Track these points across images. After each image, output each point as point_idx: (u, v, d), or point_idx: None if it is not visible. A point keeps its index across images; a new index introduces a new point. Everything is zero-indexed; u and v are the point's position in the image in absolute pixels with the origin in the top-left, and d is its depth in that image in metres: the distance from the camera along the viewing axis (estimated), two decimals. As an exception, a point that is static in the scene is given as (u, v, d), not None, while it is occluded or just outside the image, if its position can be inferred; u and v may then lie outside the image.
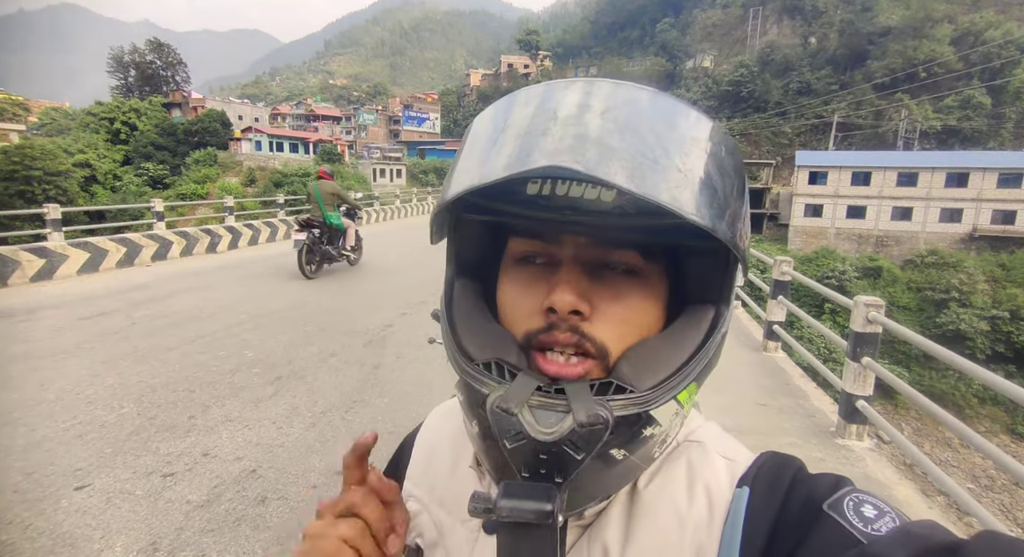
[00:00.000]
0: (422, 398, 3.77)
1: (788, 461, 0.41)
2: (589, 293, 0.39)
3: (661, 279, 0.42)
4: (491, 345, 0.41)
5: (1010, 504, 16.58)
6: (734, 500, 0.38)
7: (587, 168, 0.31)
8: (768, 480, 0.39)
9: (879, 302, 3.28)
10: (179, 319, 5.56)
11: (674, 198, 0.32)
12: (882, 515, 0.34)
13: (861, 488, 0.37)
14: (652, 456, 0.40)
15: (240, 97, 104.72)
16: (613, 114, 0.34)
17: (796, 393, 4.25)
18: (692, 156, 0.34)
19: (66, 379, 3.86)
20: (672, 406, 0.38)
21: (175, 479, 2.69)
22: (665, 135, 0.34)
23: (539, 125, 0.35)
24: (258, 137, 50.45)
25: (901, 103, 44.75)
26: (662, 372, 0.38)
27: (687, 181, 0.33)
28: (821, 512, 0.35)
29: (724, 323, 0.41)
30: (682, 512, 0.39)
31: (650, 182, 0.32)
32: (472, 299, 0.46)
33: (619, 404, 0.36)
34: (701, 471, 0.41)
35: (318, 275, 7.93)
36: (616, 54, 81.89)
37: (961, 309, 26.06)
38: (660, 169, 0.33)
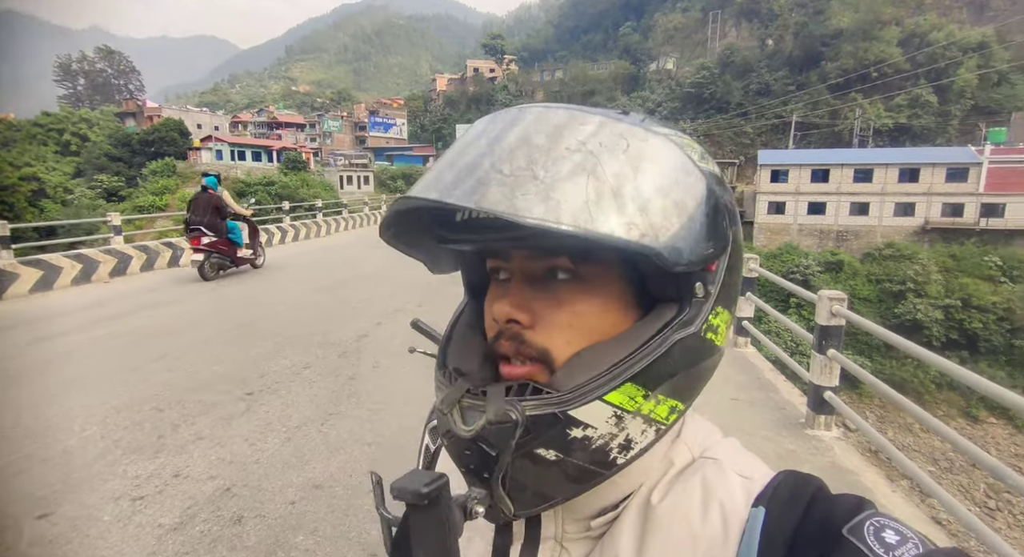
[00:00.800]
0: (400, 408, 3.74)
1: (806, 480, 0.40)
2: (532, 302, 0.42)
3: (612, 281, 0.42)
4: (460, 355, 0.47)
5: (968, 484, 17.34)
6: (749, 520, 0.38)
7: (438, 194, 0.35)
8: (785, 501, 0.38)
9: (841, 296, 3.40)
10: (142, 336, 5.38)
11: (512, 205, 0.33)
12: (904, 541, 0.33)
13: (884, 513, 0.36)
14: (610, 461, 0.39)
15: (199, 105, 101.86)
16: (498, 139, 0.38)
17: (767, 387, 4.36)
18: (556, 162, 0.35)
19: (22, 404, 3.69)
20: (602, 409, 0.37)
21: (145, 502, 2.60)
22: (537, 148, 0.36)
23: (441, 159, 0.40)
24: (219, 146, 49.16)
25: (855, 102, 46.53)
26: (589, 374, 0.38)
27: (533, 185, 0.34)
28: (841, 537, 0.34)
29: (687, 322, 0.40)
30: (695, 529, 0.39)
31: (489, 194, 0.33)
32: (469, 317, 0.51)
33: (531, 404, 0.37)
34: (716, 489, 0.40)
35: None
36: (581, 57, 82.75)
37: (917, 299, 27.18)
38: (505, 181, 0.34)
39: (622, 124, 0.38)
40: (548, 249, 0.41)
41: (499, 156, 0.36)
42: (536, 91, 76.88)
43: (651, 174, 0.37)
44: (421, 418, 1.81)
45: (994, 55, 43.67)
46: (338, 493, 2.71)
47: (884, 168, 34.13)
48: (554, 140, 0.37)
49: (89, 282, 8.21)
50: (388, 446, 3.20)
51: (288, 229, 14.73)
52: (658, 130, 0.40)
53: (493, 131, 0.39)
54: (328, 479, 2.83)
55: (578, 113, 0.39)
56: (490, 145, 0.37)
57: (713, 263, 0.40)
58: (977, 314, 26.07)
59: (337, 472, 2.90)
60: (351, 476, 2.86)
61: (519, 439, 0.37)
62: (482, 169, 0.35)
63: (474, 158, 0.37)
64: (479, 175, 0.35)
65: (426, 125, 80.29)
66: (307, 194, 35.16)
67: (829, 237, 35.82)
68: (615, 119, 0.39)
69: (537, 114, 0.39)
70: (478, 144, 0.38)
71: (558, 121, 0.38)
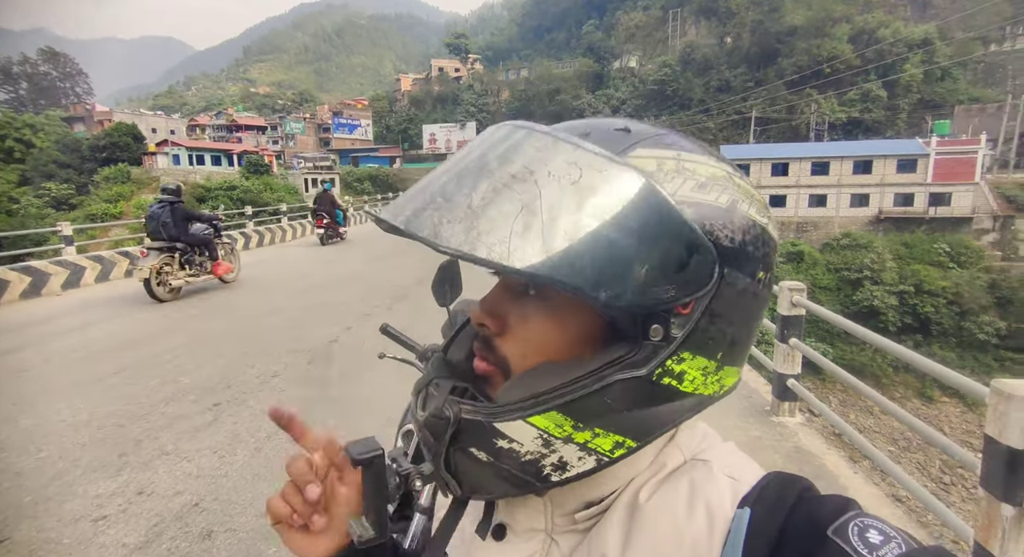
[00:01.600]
0: (374, 413, 3.70)
1: (793, 482, 0.40)
2: (504, 311, 0.43)
3: (579, 307, 0.41)
4: (457, 346, 0.50)
5: (924, 462, 18.16)
6: (735, 520, 0.38)
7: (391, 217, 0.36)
8: (770, 501, 0.38)
9: (801, 286, 3.52)
10: (98, 349, 5.18)
11: (435, 232, 0.33)
12: (888, 541, 0.33)
13: (869, 513, 0.36)
14: (544, 475, 0.40)
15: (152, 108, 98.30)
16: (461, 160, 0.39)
17: (733, 377, 4.48)
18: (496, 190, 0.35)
19: (-29, 425, 3.51)
20: (527, 429, 0.38)
21: (107, 522, 2.51)
22: (485, 173, 0.36)
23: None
24: (175, 150, 47.60)
25: (810, 97, 48.09)
26: (527, 391, 0.39)
27: (462, 213, 0.34)
28: (825, 537, 0.34)
29: (632, 363, 0.38)
30: (681, 528, 0.39)
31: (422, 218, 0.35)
32: None
33: (467, 408, 0.40)
34: (703, 489, 0.41)
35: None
36: (545, 56, 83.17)
37: (874, 286, 28.27)
38: (440, 206, 0.35)
39: (584, 152, 0.36)
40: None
41: (450, 180, 0.37)
42: (501, 90, 76.89)
43: (596, 209, 0.34)
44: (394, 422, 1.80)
45: (937, 51, 45.76)
46: (311, 502, 2.67)
47: (840, 161, 35.37)
48: (504, 165, 0.36)
49: (39, 296, 7.86)
50: (361, 452, 3.17)
51: (252, 235, 14.38)
52: (642, 154, 0.38)
53: (465, 151, 0.39)
54: (300, 488, 2.79)
55: (547, 138, 0.37)
56: (454, 167, 0.38)
57: (684, 306, 0.38)
58: (929, 299, 27.29)
59: (309, 481, 2.86)
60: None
61: (453, 436, 0.40)
62: (429, 193, 0.36)
63: (435, 180, 0.38)
64: (425, 198, 0.36)
65: (392, 126, 79.38)
66: (271, 198, 34.33)
67: (790, 228, 36.91)
68: (578, 146, 0.36)
69: (506, 135, 0.39)
70: (449, 165, 0.39)
71: (522, 144, 0.37)
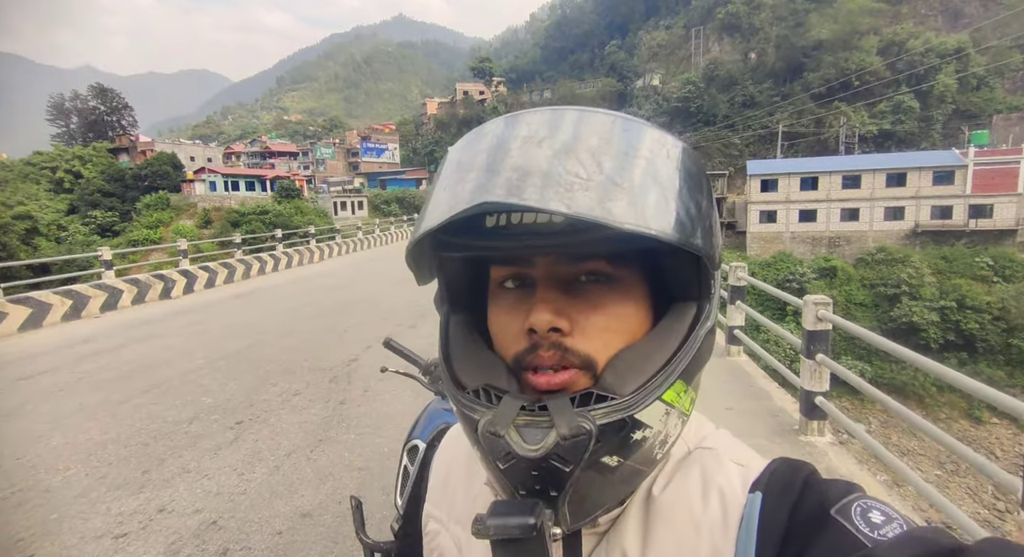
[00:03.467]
0: (391, 431, 3.69)
1: (799, 466, 0.41)
2: (567, 308, 0.40)
3: (638, 282, 0.42)
4: (481, 372, 0.43)
5: (975, 487, 17.13)
6: (747, 505, 0.39)
7: (520, 199, 0.33)
8: (780, 485, 0.39)
9: (827, 300, 3.40)
10: (129, 370, 5.33)
11: (607, 211, 0.33)
12: (889, 521, 0.34)
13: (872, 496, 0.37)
14: (654, 458, 0.40)
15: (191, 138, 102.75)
16: (549, 141, 0.36)
17: (760, 395, 4.34)
18: (626, 168, 0.36)
19: (4, 445, 3.64)
20: (659, 407, 0.38)
21: (128, 539, 2.54)
22: (598, 152, 0.36)
23: (478, 163, 0.37)
24: (212, 177, 49.43)
25: (839, 110, 47.27)
26: (643, 375, 0.39)
27: (619, 192, 0.34)
28: (829, 517, 0.35)
29: (707, 318, 0.42)
30: (697, 517, 0.40)
31: (578, 199, 0.33)
32: (464, 332, 0.48)
33: (601, 413, 0.36)
34: (714, 477, 0.42)
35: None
36: (568, 77, 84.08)
37: (912, 302, 27.22)
38: (588, 186, 0.34)
39: (662, 133, 0.40)
40: (583, 254, 0.40)
41: (567, 159, 0.35)
42: (525, 111, 77.78)
43: (686, 179, 0.39)
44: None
45: (971, 60, 44.59)
46: (326, 521, 2.66)
47: (872, 174, 34.52)
48: (612, 144, 0.37)
49: (79, 318, 8.16)
50: (377, 471, 3.16)
51: (281, 257, 14.73)
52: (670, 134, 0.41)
53: (534, 132, 0.38)
54: (316, 507, 2.78)
55: (614, 117, 0.39)
56: (539, 147, 0.36)
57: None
58: (972, 315, 26.09)
59: (326, 500, 2.85)
60: (339, 503, 2.81)
61: (592, 450, 0.36)
62: (557, 173, 0.34)
63: (528, 161, 0.35)
64: (553, 178, 0.34)
65: (418, 149, 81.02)
66: (301, 221, 35.23)
67: (822, 244, 36.02)
68: (640, 122, 0.40)
69: (578, 116, 0.39)
70: (519, 146, 0.37)
71: (602, 124, 0.38)
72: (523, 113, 0.40)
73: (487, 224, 0.40)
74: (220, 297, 10.04)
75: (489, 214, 0.40)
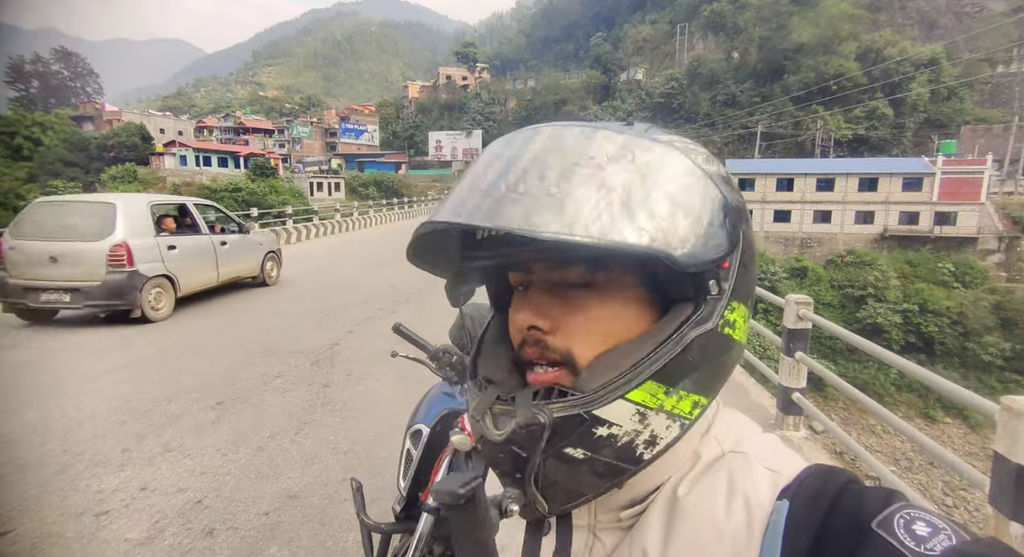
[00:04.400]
0: (376, 415, 3.70)
1: (835, 473, 0.39)
2: (549, 309, 0.44)
3: (628, 285, 0.43)
4: (488, 365, 0.48)
5: (927, 483, 17.98)
6: (774, 513, 0.37)
7: (457, 217, 0.37)
8: (810, 493, 0.37)
9: (808, 300, 3.51)
10: (100, 348, 5.19)
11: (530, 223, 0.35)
12: (936, 533, 0.32)
13: (916, 504, 0.35)
14: (637, 456, 0.41)
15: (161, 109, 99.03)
16: (501, 160, 0.40)
17: (737, 390, 4.47)
18: (565, 178, 0.37)
19: (-24, 418, 3.52)
20: (626, 407, 0.39)
21: (110, 517, 2.50)
22: (543, 165, 0.38)
23: (459, 185, 0.41)
24: (183, 151, 47.92)
25: (816, 114, 48.30)
26: (611, 374, 0.40)
27: (547, 202, 0.36)
28: (870, 531, 0.33)
29: (703, 320, 0.41)
30: (720, 523, 0.39)
31: (505, 213, 0.36)
32: (495, 330, 0.53)
33: (558, 406, 0.39)
34: (741, 483, 0.41)
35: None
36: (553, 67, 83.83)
37: (877, 304, 28.18)
38: (519, 200, 0.36)
39: (625, 136, 0.40)
40: (564, 260, 0.43)
41: (514, 175, 0.38)
42: (508, 99, 77.32)
43: (657, 181, 0.38)
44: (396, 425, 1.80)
45: (944, 71, 45.97)
46: (314, 503, 2.66)
47: (845, 177, 35.44)
48: (563, 156, 0.38)
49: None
50: (363, 454, 3.17)
51: (257, 236, 14.42)
52: (661, 138, 0.42)
53: (508, 152, 0.41)
54: (303, 489, 2.78)
55: (585, 129, 0.41)
56: (505, 166, 0.39)
57: (726, 261, 0.41)
58: (933, 318, 27.16)
59: (312, 482, 2.85)
60: (326, 485, 2.82)
61: (548, 440, 0.39)
62: (499, 190, 0.37)
63: (492, 180, 0.39)
64: (496, 195, 0.37)
65: (398, 132, 79.84)
66: (276, 201, 34.45)
67: (794, 244, 36.90)
68: (618, 132, 0.41)
69: (547, 133, 0.41)
70: (494, 166, 0.40)
71: (565, 138, 0.40)
72: (514, 132, 0.43)
73: (477, 236, 0.46)
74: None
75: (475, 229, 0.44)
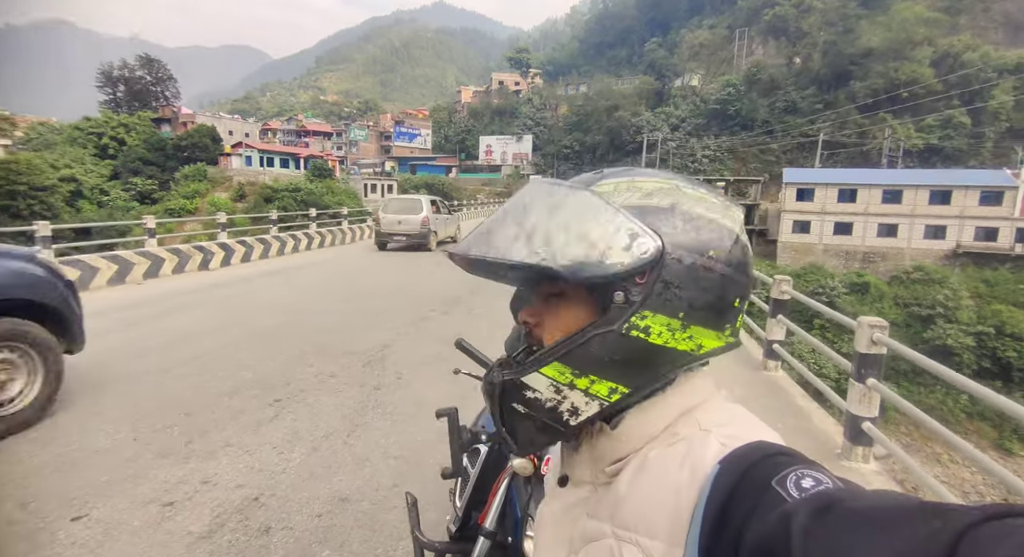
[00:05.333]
0: (425, 421, 3.71)
1: (766, 447, 0.46)
2: (540, 311, 0.61)
3: (581, 296, 0.57)
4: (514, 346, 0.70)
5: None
6: (712, 474, 0.45)
7: (458, 251, 0.55)
8: (735, 459, 0.45)
9: (883, 323, 3.29)
10: (172, 338, 5.46)
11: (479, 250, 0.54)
12: (819, 484, 0.39)
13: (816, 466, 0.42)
14: (564, 420, 0.56)
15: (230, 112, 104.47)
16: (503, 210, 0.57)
17: (799, 414, 4.24)
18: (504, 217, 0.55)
19: (57, 404, 3.75)
20: (541, 379, 0.55)
21: (175, 508, 2.61)
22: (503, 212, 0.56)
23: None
24: (248, 152, 50.37)
25: (884, 122, 45.77)
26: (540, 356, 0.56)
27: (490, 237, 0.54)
28: (768, 486, 0.40)
29: (604, 322, 0.53)
30: (671, 478, 0.49)
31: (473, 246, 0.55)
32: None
33: (505, 372, 0.58)
34: (695, 450, 0.50)
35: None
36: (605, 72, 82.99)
37: (947, 325, 26.39)
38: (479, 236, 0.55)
39: (557, 187, 0.56)
40: (535, 279, 0.63)
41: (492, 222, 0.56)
42: (560, 105, 77.15)
43: (559, 217, 0.53)
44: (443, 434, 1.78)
45: (1032, 77, 42.62)
46: (364, 507, 2.69)
47: (914, 189, 33.47)
48: (513, 204, 0.57)
49: (124, 283, 8.41)
50: (413, 461, 3.18)
51: (314, 236, 14.93)
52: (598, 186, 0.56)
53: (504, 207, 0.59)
54: (354, 492, 2.81)
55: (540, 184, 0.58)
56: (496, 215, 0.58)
57: (638, 277, 0.52)
58: (1011, 342, 25.17)
59: (363, 485, 2.88)
60: (377, 490, 2.84)
61: (501, 395, 0.58)
62: (478, 232, 0.56)
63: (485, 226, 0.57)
64: (475, 235, 0.56)
65: (450, 136, 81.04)
66: (332, 201, 35.63)
67: (855, 258, 35.12)
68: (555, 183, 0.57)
69: (524, 187, 0.59)
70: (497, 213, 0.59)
71: (525, 190, 0.58)
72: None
73: None
74: (255, 272, 10.24)
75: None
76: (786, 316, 5.21)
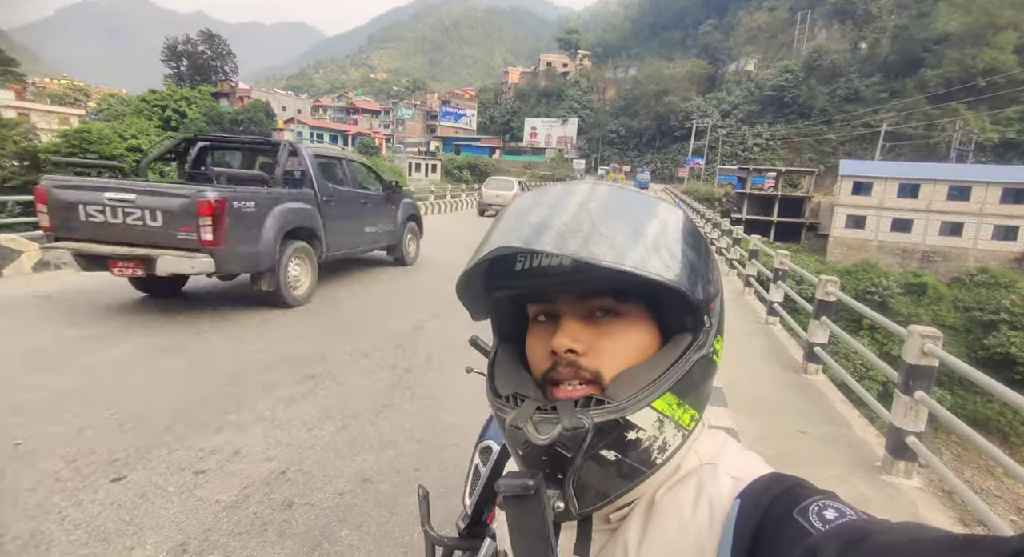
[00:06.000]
0: (451, 405, 3.74)
1: (784, 479, 0.46)
2: (582, 334, 0.52)
3: (643, 315, 0.53)
4: (513, 384, 0.56)
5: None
6: (732, 511, 0.44)
7: (524, 243, 0.46)
8: (757, 492, 0.45)
9: (936, 333, 3.08)
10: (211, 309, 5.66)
11: (589, 252, 0.44)
12: (842, 516, 0.38)
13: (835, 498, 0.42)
14: (652, 460, 0.49)
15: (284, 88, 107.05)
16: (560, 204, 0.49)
17: (838, 421, 4.06)
18: (611, 222, 0.47)
19: (105, 367, 3.96)
20: (650, 414, 0.47)
21: (207, 477, 2.71)
22: (593, 212, 0.48)
23: (507, 219, 0.51)
24: (300, 128, 51.72)
25: (956, 114, 42.85)
26: (637, 386, 0.49)
27: (600, 239, 0.45)
28: (791, 517, 0.40)
29: (701, 346, 0.51)
30: (686, 520, 0.47)
31: (569, 244, 0.45)
32: (507, 356, 0.60)
33: (598, 413, 0.47)
34: (707, 487, 0.48)
35: None
36: (656, 55, 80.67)
37: (1013, 332, 24.78)
38: (578, 235, 0.45)
39: (644, 196, 0.52)
40: (595, 290, 0.52)
41: (566, 217, 0.47)
42: (607, 88, 75.58)
43: (673, 232, 0.49)
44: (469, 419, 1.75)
45: None
46: (385, 489, 2.72)
47: (985, 186, 31.32)
48: (603, 206, 0.49)
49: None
50: (436, 445, 3.21)
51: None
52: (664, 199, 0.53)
53: (547, 200, 0.50)
54: (376, 473, 2.86)
55: (612, 188, 0.52)
56: (552, 211, 0.48)
57: (714, 301, 0.52)
58: (1082, 355, 23.47)
59: (386, 467, 2.93)
60: (399, 472, 2.88)
61: (589, 442, 0.46)
62: (555, 227, 0.46)
63: (544, 219, 0.48)
64: (555, 231, 0.46)
65: (495, 117, 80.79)
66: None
67: (913, 257, 33.34)
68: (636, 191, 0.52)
69: (584, 188, 0.52)
70: (538, 211, 0.49)
71: (600, 192, 0.51)
72: (551, 185, 0.53)
73: (516, 268, 0.53)
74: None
75: (518, 259, 0.53)
76: (831, 318, 4.97)
